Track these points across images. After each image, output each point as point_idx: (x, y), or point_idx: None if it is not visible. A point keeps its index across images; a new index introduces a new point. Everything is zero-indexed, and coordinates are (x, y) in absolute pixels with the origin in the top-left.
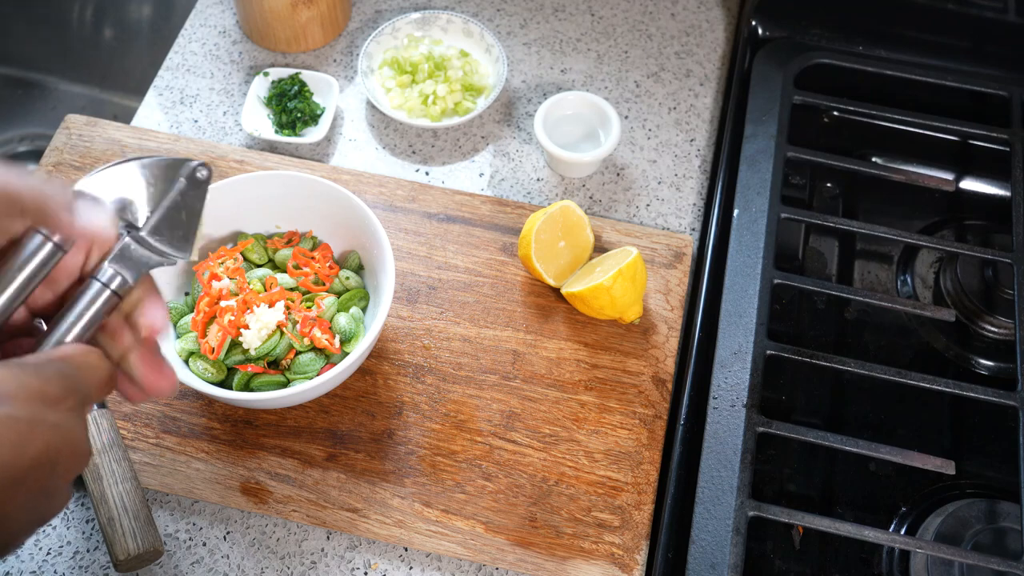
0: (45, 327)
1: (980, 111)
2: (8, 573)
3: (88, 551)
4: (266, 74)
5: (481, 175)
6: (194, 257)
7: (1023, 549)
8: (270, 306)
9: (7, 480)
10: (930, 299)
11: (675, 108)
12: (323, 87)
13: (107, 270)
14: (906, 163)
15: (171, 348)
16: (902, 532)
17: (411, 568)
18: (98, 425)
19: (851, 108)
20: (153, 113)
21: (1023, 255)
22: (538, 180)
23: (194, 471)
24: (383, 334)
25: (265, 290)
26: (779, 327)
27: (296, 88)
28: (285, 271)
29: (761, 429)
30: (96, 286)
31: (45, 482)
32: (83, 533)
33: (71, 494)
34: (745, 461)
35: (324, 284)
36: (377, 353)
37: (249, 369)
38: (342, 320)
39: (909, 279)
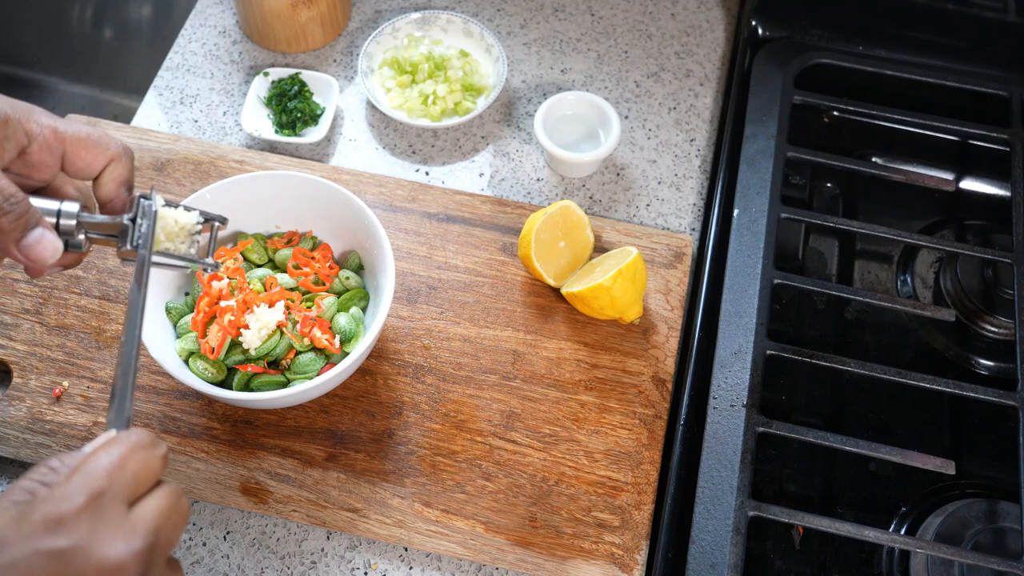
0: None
1: (980, 111)
2: None
3: None
4: (266, 74)
5: (481, 175)
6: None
7: (1023, 549)
8: (270, 306)
9: None
10: (930, 299)
11: (675, 108)
12: (323, 87)
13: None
14: (906, 163)
15: (171, 348)
16: (902, 532)
17: (411, 568)
18: None
19: (851, 108)
20: (153, 113)
21: (1023, 255)
22: (538, 180)
23: (194, 471)
24: (383, 334)
25: (265, 290)
26: (779, 327)
27: (296, 88)
28: (285, 271)
29: (761, 429)
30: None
31: None
32: None
33: None
34: (745, 461)
35: (324, 284)
36: (377, 353)
37: (249, 369)
38: (342, 320)
39: (909, 279)
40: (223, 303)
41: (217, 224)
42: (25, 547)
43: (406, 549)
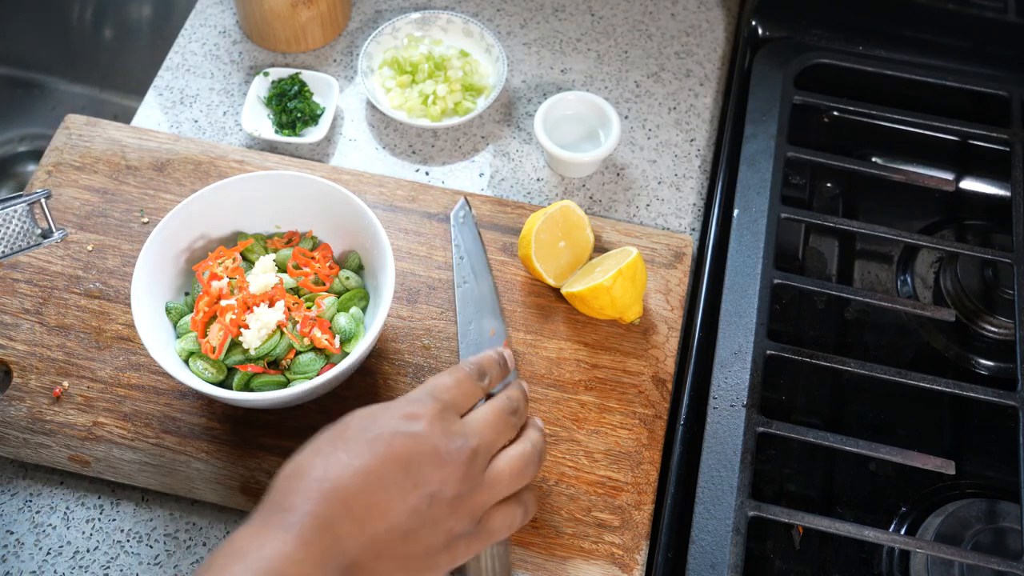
0: None
1: (980, 111)
2: (8, 573)
3: (88, 551)
4: (266, 74)
5: (481, 175)
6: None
7: (1023, 549)
8: (270, 306)
9: (367, 474)
10: (930, 299)
11: (675, 108)
12: (323, 87)
13: None
14: (906, 163)
15: (171, 348)
16: (902, 532)
17: None
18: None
19: (851, 108)
20: (153, 113)
21: (1023, 255)
22: (538, 180)
23: (194, 471)
24: (383, 334)
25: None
26: (779, 327)
27: (296, 88)
28: (285, 271)
29: (761, 429)
30: None
31: (402, 480)
32: (83, 533)
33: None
34: (745, 461)
35: (324, 284)
36: (377, 353)
37: (249, 369)
38: (342, 320)
39: (909, 279)
40: (223, 302)
41: (43, 199)
42: (389, 425)
43: None
